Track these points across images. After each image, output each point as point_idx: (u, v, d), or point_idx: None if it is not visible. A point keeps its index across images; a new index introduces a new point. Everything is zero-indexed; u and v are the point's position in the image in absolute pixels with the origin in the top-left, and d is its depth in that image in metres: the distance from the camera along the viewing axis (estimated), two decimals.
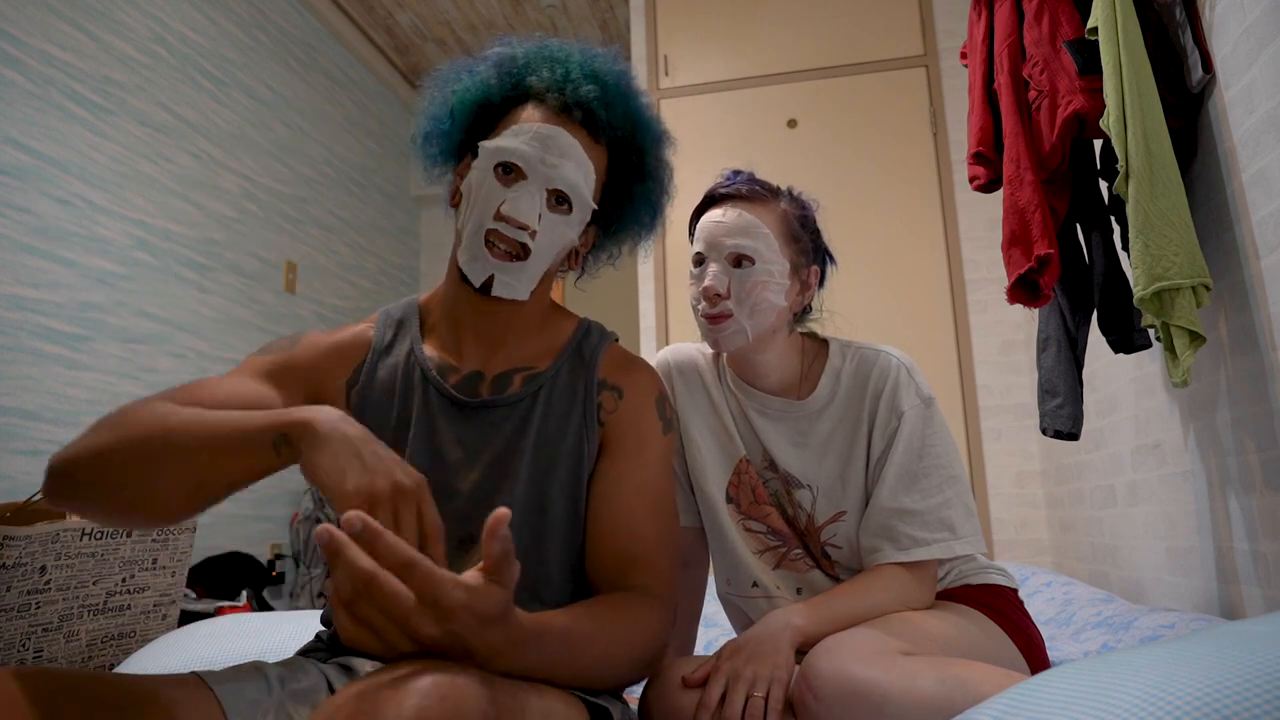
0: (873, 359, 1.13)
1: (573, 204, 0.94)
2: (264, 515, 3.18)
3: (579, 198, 0.94)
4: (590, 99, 0.95)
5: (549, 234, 0.93)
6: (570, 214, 0.94)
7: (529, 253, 0.92)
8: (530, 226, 0.91)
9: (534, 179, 0.92)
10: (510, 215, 0.90)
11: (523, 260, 0.92)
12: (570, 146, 0.93)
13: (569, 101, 0.95)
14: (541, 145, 0.92)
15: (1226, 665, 0.62)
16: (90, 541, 1.45)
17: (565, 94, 0.95)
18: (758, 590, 1.14)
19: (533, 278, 0.94)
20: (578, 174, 0.93)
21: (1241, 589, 1.48)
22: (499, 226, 0.91)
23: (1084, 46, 1.54)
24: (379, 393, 0.97)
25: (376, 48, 4.22)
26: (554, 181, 0.92)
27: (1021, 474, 2.71)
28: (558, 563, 0.93)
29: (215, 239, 2.98)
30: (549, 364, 0.98)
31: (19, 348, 2.21)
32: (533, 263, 0.92)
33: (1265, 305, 1.33)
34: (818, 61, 3.09)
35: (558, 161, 0.92)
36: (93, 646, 1.47)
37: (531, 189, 0.91)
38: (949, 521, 1.06)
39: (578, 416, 0.96)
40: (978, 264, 2.83)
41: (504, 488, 0.92)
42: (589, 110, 0.95)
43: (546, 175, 0.92)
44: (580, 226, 0.97)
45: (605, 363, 1.00)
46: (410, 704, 0.55)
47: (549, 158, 0.92)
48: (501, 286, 0.92)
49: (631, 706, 0.98)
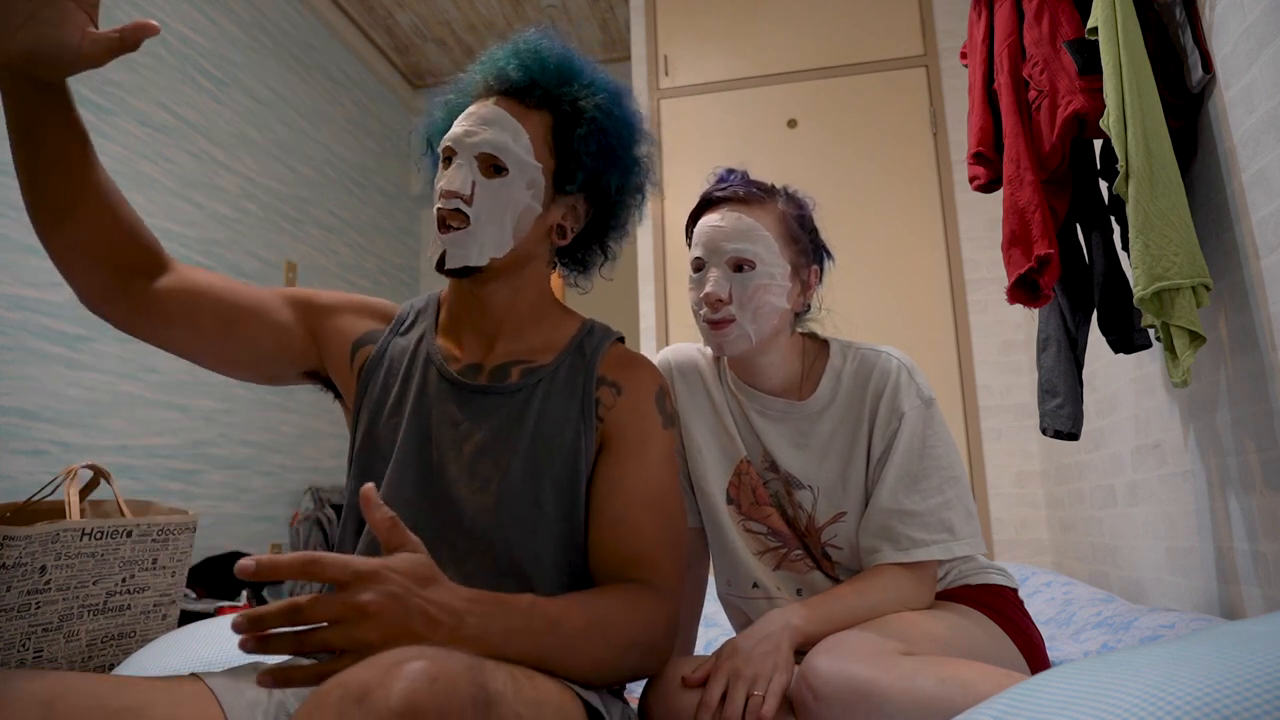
0: (873, 360, 1.13)
1: (507, 166, 0.95)
2: (264, 515, 3.18)
3: (511, 157, 0.95)
4: (505, 66, 0.99)
5: (487, 198, 0.95)
6: (508, 176, 0.96)
7: (468, 220, 0.94)
8: (460, 193, 0.94)
9: (462, 153, 0.96)
10: (444, 188, 0.94)
11: (466, 228, 0.94)
12: (493, 114, 0.97)
13: (490, 80, 1.00)
14: (466, 121, 0.97)
15: (1226, 665, 0.62)
16: (90, 541, 1.45)
17: (487, 74, 1.00)
18: (758, 591, 1.14)
19: (483, 245, 0.95)
20: (502, 136, 0.96)
21: (1241, 589, 1.48)
22: (440, 203, 0.95)
23: (1084, 46, 1.54)
24: (386, 368, 1.00)
25: (376, 48, 4.22)
26: (478, 148, 0.95)
27: (1021, 474, 2.71)
28: (551, 561, 0.93)
29: (215, 239, 2.98)
30: (550, 359, 0.99)
31: (19, 348, 2.21)
32: (477, 229, 0.94)
33: (1265, 305, 1.33)
34: (818, 61, 3.09)
35: (478, 129, 0.96)
36: (93, 646, 1.47)
37: (461, 161, 0.96)
38: (948, 523, 1.06)
39: (575, 413, 0.96)
40: (978, 264, 2.83)
41: (493, 476, 0.93)
42: (506, 78, 0.99)
43: (471, 145, 0.95)
44: (531, 190, 0.97)
45: (606, 360, 1.01)
46: (399, 688, 0.55)
47: (471, 128, 0.96)
48: (452, 258, 0.95)
49: (632, 706, 0.98)
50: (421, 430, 0.95)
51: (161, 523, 1.58)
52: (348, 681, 0.57)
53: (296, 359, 1.01)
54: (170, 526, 1.59)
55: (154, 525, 1.56)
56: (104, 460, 1.63)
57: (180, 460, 2.75)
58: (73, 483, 1.52)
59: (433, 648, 0.61)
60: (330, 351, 1.02)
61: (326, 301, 1.04)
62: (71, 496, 1.50)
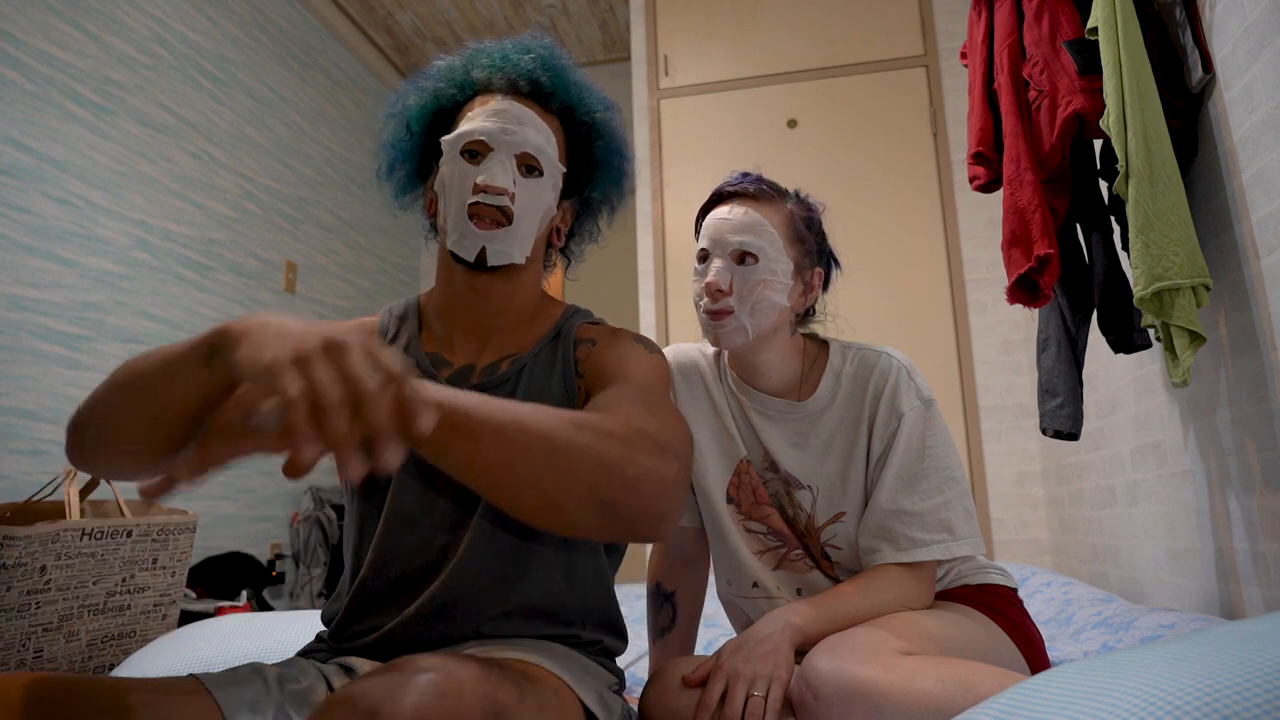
0: (873, 360, 1.13)
1: (542, 168, 0.96)
2: (264, 515, 3.18)
3: (547, 160, 0.96)
4: (531, 70, 0.98)
5: (526, 198, 0.95)
6: (543, 178, 0.96)
7: (512, 217, 0.93)
8: (508, 190, 0.93)
9: (500, 149, 0.94)
10: (487, 184, 0.92)
11: (508, 226, 0.94)
12: (526, 114, 0.96)
13: (512, 78, 0.98)
14: (500, 118, 0.95)
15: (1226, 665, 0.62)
16: (90, 541, 1.45)
17: (508, 72, 0.98)
18: (758, 591, 1.15)
19: (523, 242, 0.95)
20: (540, 138, 0.96)
21: (1241, 589, 1.48)
22: (479, 198, 0.93)
23: (1084, 46, 1.54)
24: None
25: (376, 48, 4.22)
26: (520, 147, 0.94)
27: (1021, 474, 2.71)
28: (553, 540, 0.93)
29: (215, 239, 2.98)
30: (532, 347, 1.00)
31: (19, 348, 2.21)
32: (518, 227, 0.94)
33: (1265, 305, 1.33)
34: (818, 61, 3.09)
35: (517, 129, 0.95)
36: (93, 646, 1.47)
37: (501, 158, 0.94)
38: (948, 523, 1.06)
39: (558, 385, 0.96)
40: (978, 264, 2.83)
41: None
42: (533, 81, 0.98)
43: (512, 143, 0.94)
44: (554, 192, 0.99)
45: (581, 329, 1.01)
46: (409, 701, 0.55)
47: (509, 126, 0.95)
48: (495, 255, 0.94)
49: (632, 706, 0.98)
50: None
51: (161, 523, 1.58)
52: (356, 696, 0.57)
53: None
54: (170, 526, 1.59)
55: (154, 525, 1.56)
56: None
57: None
58: (73, 483, 1.52)
59: (442, 660, 0.61)
60: None
61: None
62: (71, 496, 1.51)
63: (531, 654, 0.84)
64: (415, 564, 0.92)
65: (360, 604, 0.93)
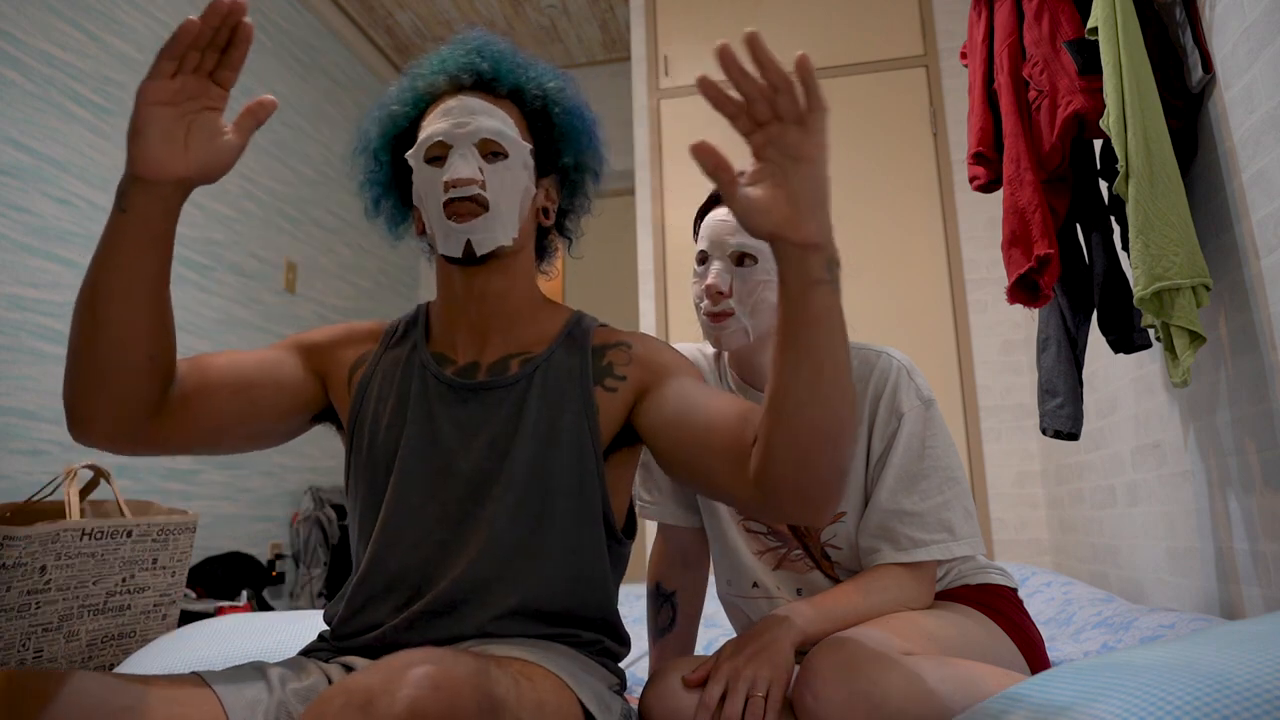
0: (873, 360, 1.13)
1: (506, 150, 0.96)
2: (264, 515, 3.18)
3: (508, 140, 0.96)
4: (470, 62, 0.99)
5: (497, 181, 0.95)
6: (509, 159, 0.96)
7: (487, 204, 0.94)
8: (475, 179, 0.93)
9: (459, 143, 0.95)
10: (454, 178, 0.93)
11: (485, 213, 0.94)
12: (475, 104, 0.97)
13: (453, 75, 0.99)
14: (451, 115, 0.96)
15: (1226, 665, 0.62)
16: (90, 541, 1.45)
17: (448, 71, 1.00)
18: (758, 591, 1.15)
19: (505, 224, 0.95)
20: (494, 121, 0.96)
21: (1241, 589, 1.48)
22: (450, 195, 0.93)
23: (1084, 46, 1.54)
24: (381, 379, 1.01)
25: (376, 48, 4.22)
26: (476, 135, 0.95)
27: (1021, 474, 2.71)
28: (559, 544, 0.93)
29: (215, 239, 2.98)
30: (544, 348, 1.00)
31: (19, 348, 2.21)
32: (496, 211, 0.94)
33: (1265, 305, 1.33)
34: (818, 61, 3.06)
35: (470, 119, 0.95)
36: (93, 646, 1.47)
37: (462, 151, 0.95)
38: (948, 523, 1.06)
39: (576, 393, 0.96)
40: (978, 264, 2.83)
41: (502, 468, 0.93)
42: (474, 72, 0.99)
43: (468, 134, 0.95)
44: (527, 171, 0.99)
45: (597, 335, 1.02)
46: (404, 694, 0.55)
47: (462, 119, 0.95)
48: (480, 244, 0.94)
49: (632, 706, 0.98)
50: (425, 436, 0.96)
51: (161, 523, 1.58)
52: (352, 688, 0.57)
53: (310, 404, 1.01)
54: (170, 526, 1.59)
55: (154, 525, 1.56)
56: (104, 460, 1.63)
57: (180, 460, 2.75)
58: (73, 483, 1.52)
59: (437, 654, 0.61)
60: (333, 385, 1.03)
61: (322, 339, 1.04)
62: (71, 496, 1.51)
63: (531, 653, 0.84)
64: (415, 561, 0.92)
65: (360, 601, 0.93)
